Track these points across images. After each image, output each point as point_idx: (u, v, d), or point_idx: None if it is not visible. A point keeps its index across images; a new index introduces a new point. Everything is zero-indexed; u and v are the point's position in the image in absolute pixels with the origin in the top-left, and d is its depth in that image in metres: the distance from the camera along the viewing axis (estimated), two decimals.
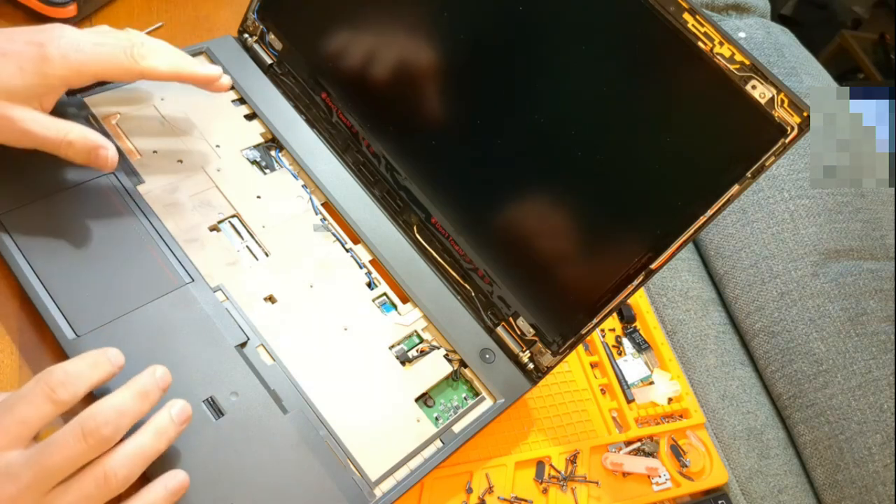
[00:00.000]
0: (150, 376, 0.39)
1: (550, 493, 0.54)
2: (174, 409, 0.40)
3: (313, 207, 0.56)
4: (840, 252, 0.75)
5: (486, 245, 0.53)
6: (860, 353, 0.70)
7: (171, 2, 0.64)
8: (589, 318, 0.50)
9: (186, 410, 0.40)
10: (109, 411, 0.37)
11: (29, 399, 0.36)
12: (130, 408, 0.38)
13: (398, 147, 0.56)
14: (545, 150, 0.50)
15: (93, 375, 0.38)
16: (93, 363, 0.38)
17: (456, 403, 0.52)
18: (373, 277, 0.54)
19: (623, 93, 0.46)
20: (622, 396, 0.61)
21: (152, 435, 0.38)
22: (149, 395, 0.39)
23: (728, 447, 0.68)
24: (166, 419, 0.39)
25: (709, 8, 0.88)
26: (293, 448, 0.45)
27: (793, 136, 0.41)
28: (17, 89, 0.43)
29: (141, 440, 0.38)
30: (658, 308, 0.73)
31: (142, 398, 0.38)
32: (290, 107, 0.59)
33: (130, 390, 0.38)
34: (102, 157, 0.46)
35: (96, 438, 0.36)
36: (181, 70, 0.49)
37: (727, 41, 0.42)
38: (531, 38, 0.48)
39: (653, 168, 0.46)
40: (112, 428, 0.36)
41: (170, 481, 0.39)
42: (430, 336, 0.53)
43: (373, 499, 0.45)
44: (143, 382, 0.39)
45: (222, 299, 0.49)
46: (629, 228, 0.48)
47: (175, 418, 0.39)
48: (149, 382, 0.39)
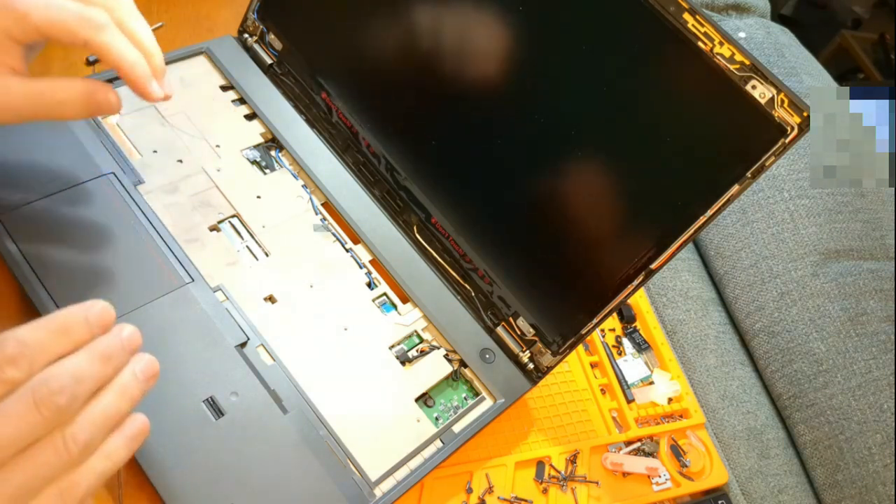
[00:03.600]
0: (116, 336, 0.33)
1: (550, 493, 0.54)
2: (138, 365, 0.34)
3: (313, 207, 0.56)
4: (840, 252, 0.75)
5: (486, 245, 0.53)
6: (860, 353, 0.70)
7: (171, 2, 0.64)
8: (589, 318, 0.50)
9: (152, 366, 0.35)
10: (65, 377, 0.31)
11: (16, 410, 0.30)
12: (90, 373, 0.32)
13: (398, 147, 0.56)
14: (545, 150, 0.50)
15: (57, 346, 0.32)
16: (61, 329, 0.32)
17: (456, 403, 0.52)
18: (373, 277, 0.54)
19: (623, 93, 0.46)
20: (622, 396, 0.61)
21: (115, 395, 0.33)
22: (112, 359, 0.33)
23: (728, 447, 0.68)
24: (129, 377, 0.34)
25: (709, 8, 0.88)
26: (293, 448, 0.45)
27: (793, 136, 0.41)
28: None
29: (103, 402, 0.33)
30: (658, 308, 0.73)
31: (103, 361, 0.33)
32: (290, 107, 0.59)
33: (91, 353, 0.32)
34: (103, 101, 0.41)
35: (50, 409, 0.30)
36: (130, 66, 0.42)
37: (727, 41, 0.42)
38: (531, 38, 0.48)
39: (653, 168, 0.46)
40: (67, 397, 0.31)
41: (128, 428, 0.34)
42: (430, 336, 0.53)
43: (373, 499, 0.45)
44: (107, 343, 0.33)
45: (222, 299, 0.49)
46: (629, 228, 0.48)
47: (139, 374, 0.34)
48: (113, 344, 0.33)
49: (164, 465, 0.41)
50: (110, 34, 0.41)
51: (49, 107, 0.40)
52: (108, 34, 0.41)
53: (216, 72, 0.59)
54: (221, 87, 0.59)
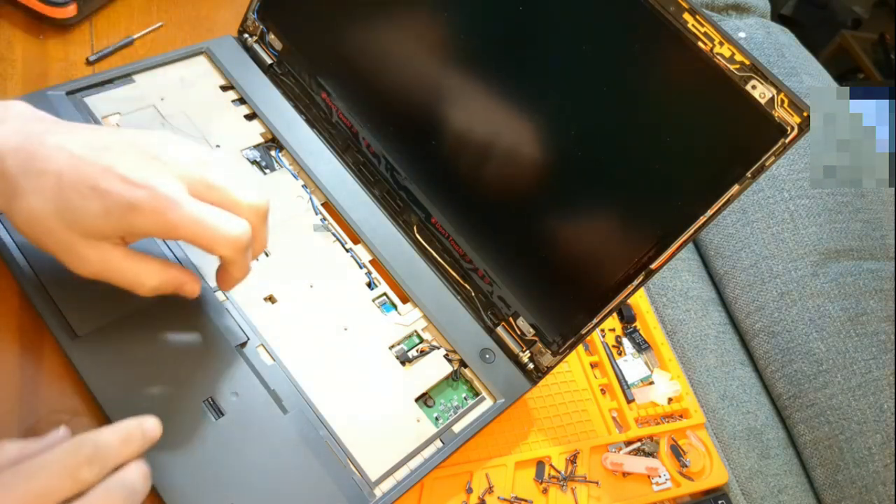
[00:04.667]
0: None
1: (550, 493, 0.54)
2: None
3: (313, 207, 0.56)
4: (840, 252, 0.75)
5: (486, 245, 0.53)
6: (860, 353, 0.70)
7: (171, 2, 0.64)
8: (589, 318, 0.50)
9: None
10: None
11: (53, 470, 0.33)
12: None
13: (398, 147, 0.56)
14: (544, 150, 0.50)
15: (122, 452, 0.36)
16: (126, 438, 0.36)
17: (456, 403, 0.52)
18: (373, 277, 0.54)
19: (623, 93, 0.46)
20: (622, 396, 0.61)
21: None
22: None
23: (728, 447, 0.68)
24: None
25: (709, 8, 0.88)
26: (293, 448, 0.45)
27: (793, 136, 0.41)
28: (95, 230, 0.38)
29: None
30: (658, 308, 0.73)
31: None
32: (290, 107, 0.59)
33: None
34: (186, 293, 0.43)
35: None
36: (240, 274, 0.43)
37: (727, 41, 0.42)
38: (531, 38, 0.48)
39: (653, 168, 0.46)
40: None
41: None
42: (430, 336, 0.53)
43: (373, 499, 0.45)
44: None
45: (222, 299, 0.49)
46: (629, 228, 0.48)
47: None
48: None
49: (164, 464, 0.41)
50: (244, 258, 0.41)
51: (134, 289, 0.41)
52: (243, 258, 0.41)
53: (216, 72, 0.59)
54: (221, 87, 0.59)
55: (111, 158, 0.38)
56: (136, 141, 0.39)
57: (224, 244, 0.39)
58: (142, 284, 0.40)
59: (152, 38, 0.62)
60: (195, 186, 0.39)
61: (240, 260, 0.41)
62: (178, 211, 0.38)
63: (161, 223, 0.38)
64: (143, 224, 0.38)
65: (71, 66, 0.57)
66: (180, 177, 0.39)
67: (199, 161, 0.40)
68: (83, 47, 0.59)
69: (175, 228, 0.38)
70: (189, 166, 0.39)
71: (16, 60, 0.56)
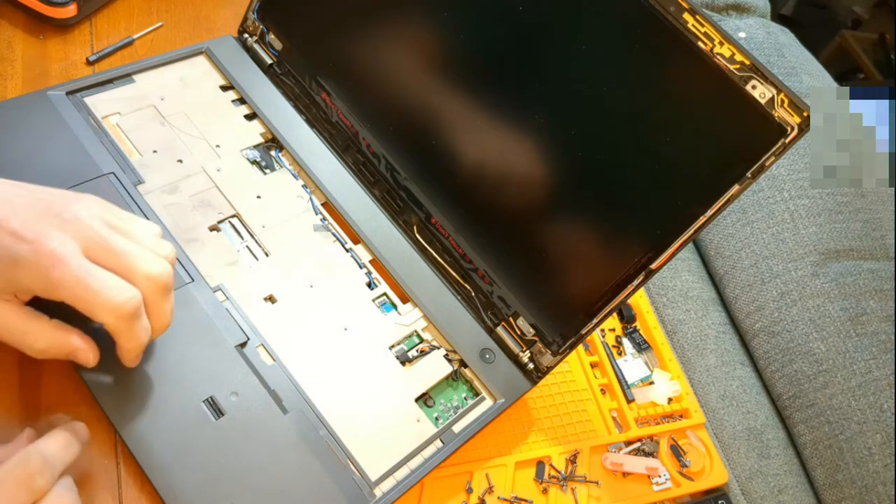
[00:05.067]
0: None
1: (550, 493, 0.54)
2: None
3: (313, 207, 0.56)
4: (840, 252, 0.75)
5: (486, 245, 0.53)
6: (860, 353, 0.70)
7: (171, 2, 0.64)
8: (589, 318, 0.50)
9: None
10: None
11: (6, 487, 0.34)
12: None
13: (398, 147, 0.56)
14: (545, 150, 0.50)
15: (66, 457, 0.37)
16: (66, 444, 0.37)
17: (456, 403, 0.52)
18: (373, 277, 0.54)
19: (623, 93, 0.46)
20: (622, 396, 0.61)
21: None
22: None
23: (728, 447, 0.68)
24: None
25: (709, 8, 0.88)
26: (293, 448, 0.45)
27: (793, 136, 0.41)
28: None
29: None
30: (658, 308, 0.73)
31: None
32: (290, 107, 0.59)
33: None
34: (79, 361, 0.40)
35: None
36: (135, 352, 0.41)
37: (727, 41, 0.42)
38: (531, 38, 0.48)
39: (653, 168, 0.46)
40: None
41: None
42: (430, 336, 0.53)
43: (373, 499, 0.45)
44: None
45: (222, 299, 0.49)
46: (629, 228, 0.48)
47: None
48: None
49: (164, 465, 0.41)
50: (130, 330, 0.39)
51: (17, 343, 0.39)
52: (129, 329, 0.39)
53: (216, 72, 0.59)
54: (221, 87, 0.59)
55: (6, 212, 0.37)
56: (43, 197, 0.38)
57: (105, 310, 0.37)
58: (29, 346, 0.39)
59: (152, 38, 0.62)
60: (92, 249, 0.38)
61: (125, 331, 0.39)
62: (61, 269, 0.36)
63: (42, 279, 0.36)
64: (25, 279, 0.36)
65: (71, 66, 0.57)
66: (78, 236, 0.37)
67: (105, 223, 0.39)
68: (83, 47, 0.59)
69: (55, 287, 0.36)
70: (91, 227, 0.38)
71: (16, 60, 0.56)
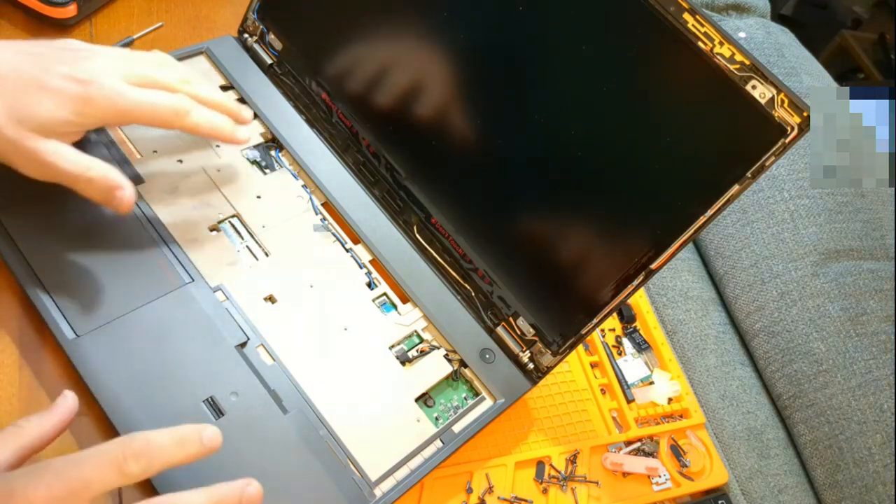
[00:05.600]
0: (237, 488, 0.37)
1: (550, 493, 0.54)
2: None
3: (313, 207, 0.56)
4: (840, 252, 0.75)
5: (486, 245, 0.53)
6: (860, 353, 0.70)
7: (171, 2, 0.64)
8: (589, 318, 0.50)
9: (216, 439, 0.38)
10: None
11: (98, 461, 0.34)
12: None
13: (398, 147, 0.56)
14: (545, 150, 0.50)
15: (175, 454, 0.36)
16: (180, 440, 0.36)
17: (456, 403, 0.52)
18: (373, 277, 0.54)
19: (623, 93, 0.46)
20: (622, 396, 0.61)
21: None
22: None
23: (728, 447, 0.68)
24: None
25: (709, 8, 0.88)
26: (293, 448, 0.45)
27: (793, 136, 0.41)
28: (50, 124, 0.42)
29: None
30: (658, 308, 0.73)
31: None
32: (290, 107, 0.59)
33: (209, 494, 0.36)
34: (118, 197, 0.44)
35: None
36: (220, 131, 0.49)
37: (727, 41, 0.42)
38: (531, 39, 0.48)
39: (653, 168, 0.46)
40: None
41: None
42: (430, 336, 0.53)
43: (373, 499, 0.45)
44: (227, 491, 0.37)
45: (222, 299, 0.49)
46: (629, 228, 0.48)
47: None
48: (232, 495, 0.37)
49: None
50: (196, 114, 0.47)
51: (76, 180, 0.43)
52: (194, 115, 0.47)
53: (216, 72, 0.59)
54: (221, 87, 0.59)
55: (49, 61, 0.42)
56: (66, 47, 0.45)
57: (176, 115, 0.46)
58: (82, 173, 0.43)
59: (152, 38, 0.62)
60: (128, 78, 0.45)
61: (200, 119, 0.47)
62: (127, 97, 0.43)
63: (114, 110, 0.43)
64: (96, 113, 0.43)
65: None
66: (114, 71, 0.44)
67: (124, 58, 0.46)
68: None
69: (129, 112, 0.44)
70: (117, 63, 0.45)
71: None
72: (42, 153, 0.42)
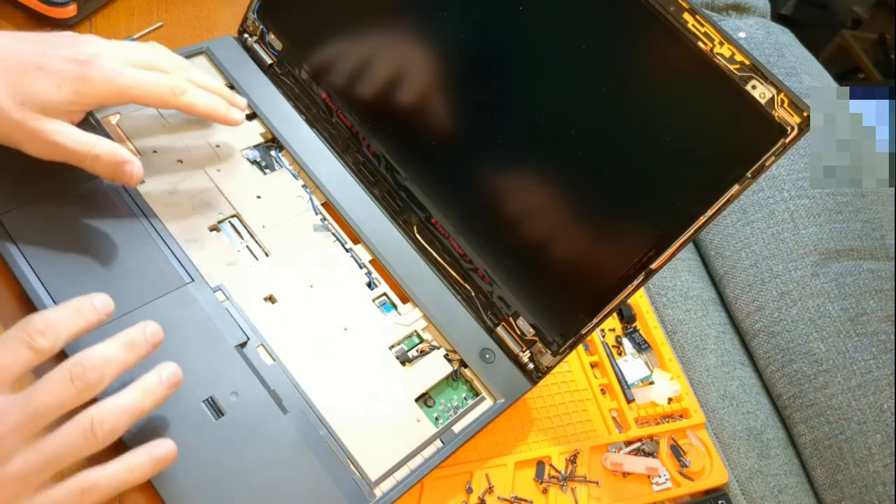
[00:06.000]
0: (140, 331, 0.40)
1: (550, 493, 0.54)
2: (164, 372, 0.40)
3: (313, 207, 0.56)
4: (840, 252, 0.75)
5: (486, 245, 0.53)
6: (860, 353, 0.70)
7: (171, 2, 0.64)
8: (589, 318, 0.50)
9: (177, 375, 0.40)
10: (96, 358, 0.37)
11: (8, 346, 0.36)
12: (116, 357, 0.38)
13: (398, 147, 0.56)
14: (545, 151, 0.50)
15: (75, 323, 0.38)
16: (76, 310, 0.38)
17: (456, 403, 0.52)
18: (373, 277, 0.54)
19: (623, 93, 0.46)
20: (622, 396, 0.61)
21: (140, 392, 0.39)
22: (135, 348, 0.39)
23: (728, 447, 0.68)
24: (155, 379, 0.39)
25: (709, 8, 0.88)
26: (293, 448, 0.45)
27: (793, 136, 0.41)
28: (51, 104, 0.43)
29: (128, 396, 0.38)
30: (658, 308, 0.73)
31: (128, 349, 0.39)
32: (290, 107, 0.59)
33: (118, 341, 0.39)
34: (128, 172, 0.46)
35: (83, 382, 0.36)
36: (215, 111, 0.50)
37: (727, 41, 0.42)
38: (530, 38, 0.48)
39: (653, 168, 0.46)
40: (97, 374, 0.37)
41: (156, 448, 0.39)
42: (430, 336, 0.53)
43: (373, 499, 0.45)
44: (132, 335, 0.39)
45: (222, 299, 0.49)
46: (629, 228, 0.48)
47: (164, 381, 0.40)
48: (137, 335, 0.40)
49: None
50: (191, 93, 0.49)
51: (84, 158, 0.45)
52: (190, 94, 0.49)
53: (216, 72, 0.59)
54: None
55: (48, 45, 0.44)
56: (65, 34, 0.46)
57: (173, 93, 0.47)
58: (88, 151, 0.44)
59: (152, 38, 0.61)
60: (126, 61, 0.46)
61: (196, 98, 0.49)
62: (125, 76, 0.45)
63: (112, 89, 0.45)
64: (95, 93, 0.44)
65: None
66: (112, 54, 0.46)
67: (121, 44, 0.47)
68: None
69: (127, 90, 0.45)
70: (115, 47, 0.47)
71: None
72: (47, 133, 0.43)
